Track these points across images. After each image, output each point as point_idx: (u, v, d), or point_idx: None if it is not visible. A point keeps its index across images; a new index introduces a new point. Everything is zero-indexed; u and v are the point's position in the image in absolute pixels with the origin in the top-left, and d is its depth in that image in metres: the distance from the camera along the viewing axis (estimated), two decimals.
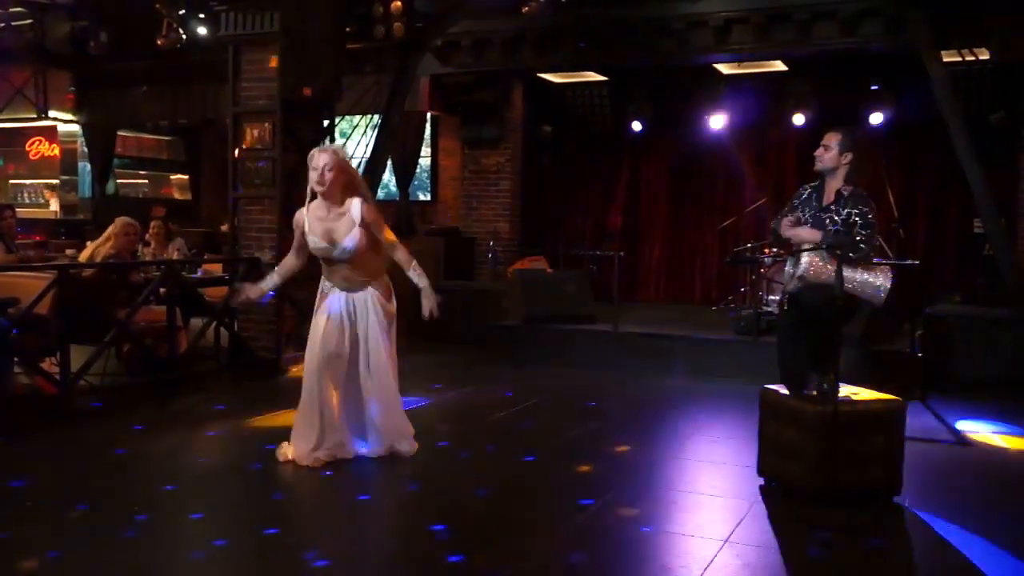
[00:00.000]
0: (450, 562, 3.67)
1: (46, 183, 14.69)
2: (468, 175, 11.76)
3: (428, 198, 12.46)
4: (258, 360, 7.79)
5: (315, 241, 4.84)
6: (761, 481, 4.74)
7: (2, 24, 11.38)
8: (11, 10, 10.94)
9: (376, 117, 9.81)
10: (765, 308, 8.48)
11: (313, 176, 4.80)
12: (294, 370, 7.53)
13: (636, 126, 11.23)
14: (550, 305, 9.01)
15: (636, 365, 8.17)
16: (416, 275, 4.94)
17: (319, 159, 4.80)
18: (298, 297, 7.54)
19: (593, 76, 11.12)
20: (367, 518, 4.40)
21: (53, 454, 5.25)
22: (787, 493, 4.55)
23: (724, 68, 10.31)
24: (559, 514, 4.33)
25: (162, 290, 7.17)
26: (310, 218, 4.87)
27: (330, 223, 4.84)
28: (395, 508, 4.58)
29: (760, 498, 4.56)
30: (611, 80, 11.18)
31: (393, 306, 5.10)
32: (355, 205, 4.83)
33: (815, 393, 4.54)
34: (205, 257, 9.58)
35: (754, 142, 11.22)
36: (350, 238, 4.81)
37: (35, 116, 13.43)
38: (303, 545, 3.82)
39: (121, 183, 14.67)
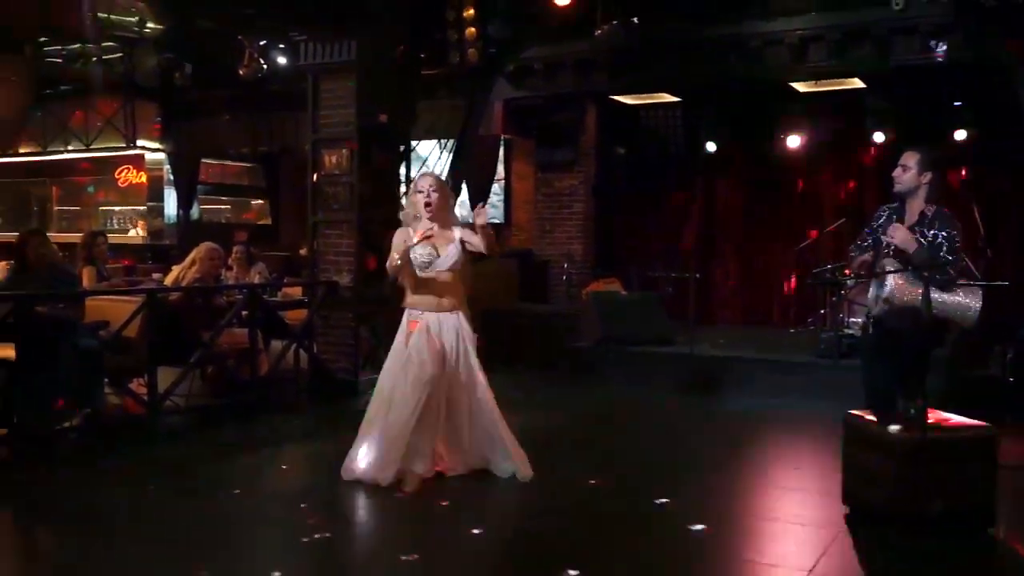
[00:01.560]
0: None
1: (134, 209, 15.22)
2: (541, 198, 11.78)
3: (502, 221, 12.52)
4: (336, 382, 7.91)
5: (421, 253, 4.97)
6: (846, 509, 4.60)
7: (94, 58, 11.90)
8: (102, 45, 11.42)
9: (451, 142, 9.93)
10: (846, 330, 8.28)
11: (420, 198, 5.02)
12: (372, 392, 7.62)
13: (710, 146, 11.12)
14: (625, 327, 8.96)
15: (713, 388, 8.05)
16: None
17: (423, 182, 5.07)
18: (376, 321, 7.65)
19: (667, 97, 11.06)
20: (442, 526, 4.41)
21: (139, 473, 5.40)
22: (873, 522, 4.41)
23: (800, 86, 10.15)
24: (635, 540, 4.27)
25: (244, 313, 7.35)
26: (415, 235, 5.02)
27: (434, 240, 5.01)
28: (472, 521, 4.56)
29: (845, 527, 4.43)
30: (685, 100, 11.10)
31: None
32: (456, 227, 5.09)
33: (902, 419, 4.41)
34: (285, 280, 9.79)
35: (832, 161, 11.01)
36: (453, 252, 5.00)
37: (124, 145, 14.00)
38: (396, 553, 3.84)
39: (204, 208, 15.15)
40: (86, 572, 3.80)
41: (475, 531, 4.33)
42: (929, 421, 4.24)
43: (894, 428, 4.31)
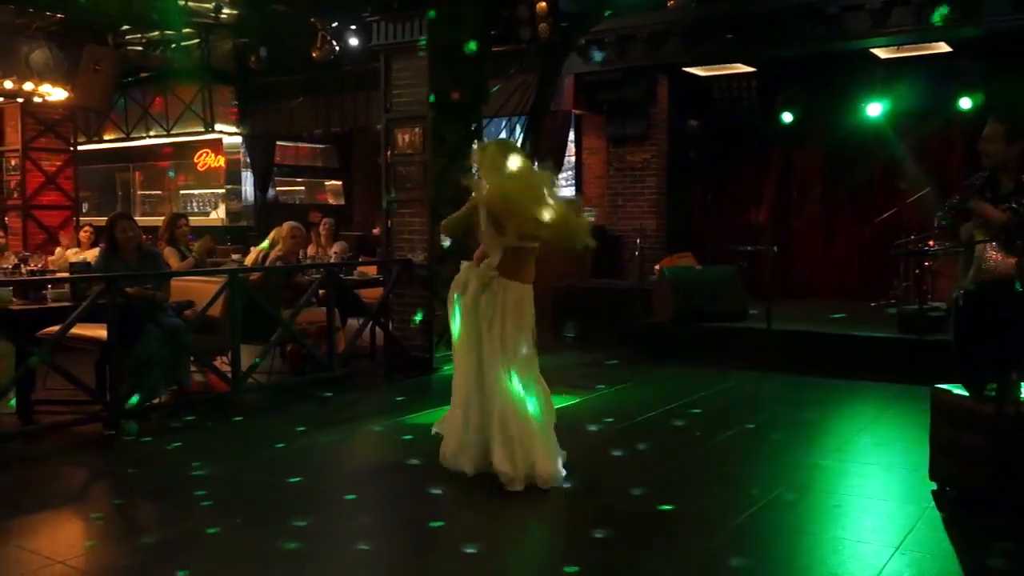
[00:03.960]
0: (605, 559, 3.66)
1: (212, 192, 15.60)
2: (613, 172, 11.70)
3: (573, 197, 12.47)
4: (411, 359, 8.00)
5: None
6: (933, 486, 4.49)
7: (173, 45, 12.19)
8: (181, 31, 11.70)
9: (522, 118, 9.91)
10: (931, 303, 8.04)
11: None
12: (446, 368, 7.71)
13: (786, 117, 10.86)
14: (700, 302, 8.84)
15: (792, 364, 7.90)
16: None
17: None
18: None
19: (740, 67, 10.83)
20: (522, 511, 4.42)
21: (224, 448, 5.56)
22: (962, 500, 4.30)
23: (882, 52, 9.83)
24: (717, 516, 4.24)
25: (321, 291, 7.48)
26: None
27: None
28: (548, 504, 4.57)
29: (933, 504, 4.32)
30: (759, 71, 10.86)
31: None
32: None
33: (995, 394, 4.26)
34: (360, 260, 9.93)
35: (915, 129, 10.64)
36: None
37: (202, 130, 14.35)
38: (464, 538, 3.89)
39: (280, 190, 15.45)
40: (179, 545, 3.93)
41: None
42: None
43: (986, 403, 4.17)
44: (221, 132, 14.51)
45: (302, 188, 16.41)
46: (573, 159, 12.51)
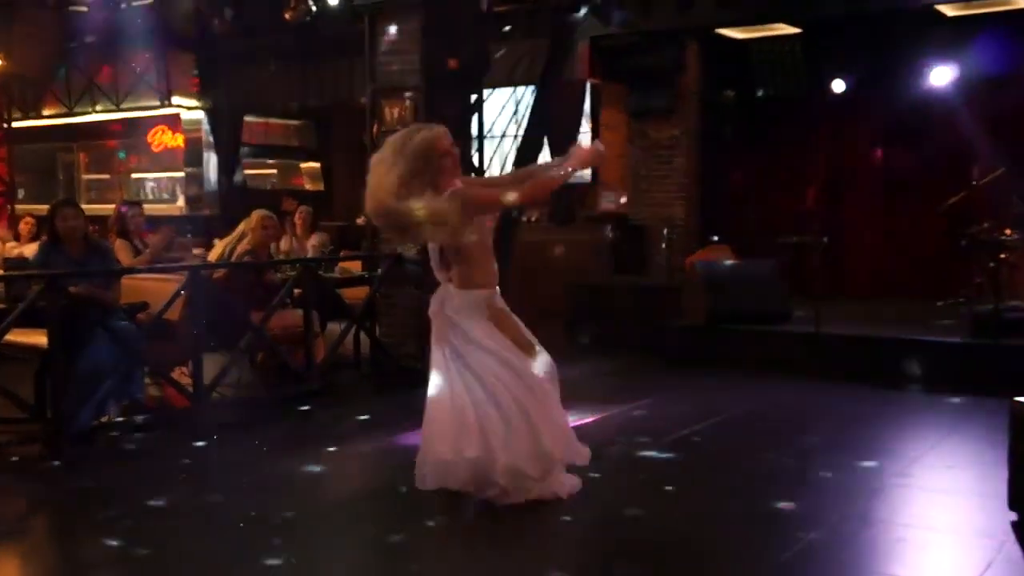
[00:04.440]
0: None
1: (169, 176, 15.60)
2: (635, 152, 11.68)
3: (589, 179, 12.46)
4: (402, 369, 8.00)
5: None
6: (1013, 516, 4.47)
7: (122, 4, 12.20)
8: None
9: (530, 89, 9.90)
10: (1008, 302, 8.01)
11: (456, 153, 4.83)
12: None
13: (837, 86, 10.85)
14: (737, 302, 8.84)
15: (844, 373, 7.89)
16: None
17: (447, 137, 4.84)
18: None
19: (784, 28, 10.80)
20: (536, 541, 4.42)
21: (186, 473, 5.56)
22: None
23: (948, 9, 9.79)
24: (759, 552, 4.23)
25: (296, 291, 7.47)
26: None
27: None
28: (565, 534, 4.57)
29: (1012, 537, 4.30)
30: (805, 32, 10.84)
31: None
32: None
33: None
34: (342, 254, 9.94)
35: (988, 98, 10.61)
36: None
37: (158, 104, 14.36)
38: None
39: (248, 174, 15.44)
40: None
41: None
42: None
43: None
44: (179, 106, 14.54)
45: (274, 171, 16.41)
46: (588, 136, 12.49)
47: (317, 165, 16.25)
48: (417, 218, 4.48)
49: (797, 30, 10.84)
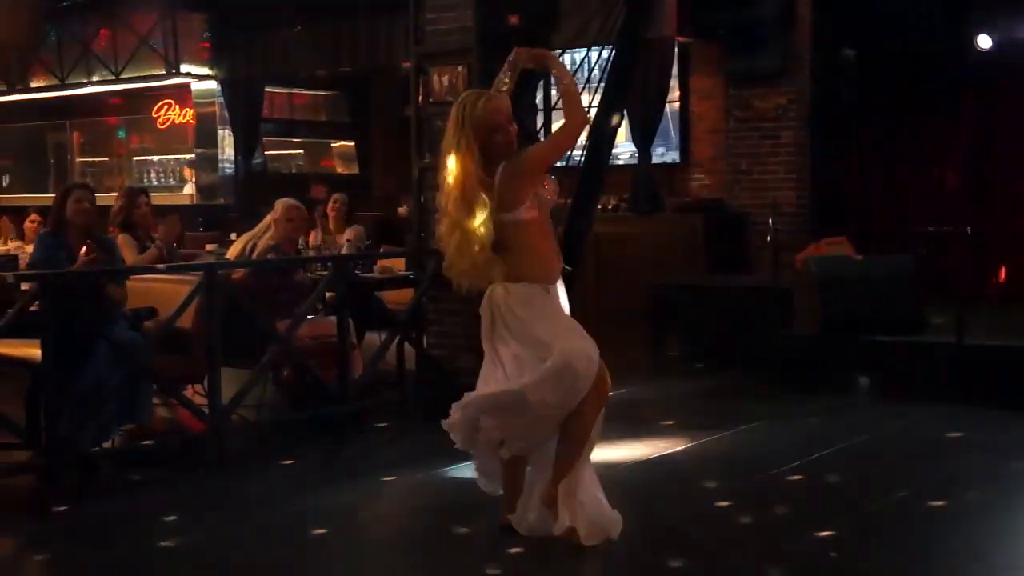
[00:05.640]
0: None
1: (177, 158, 15.84)
2: (735, 125, 11.66)
3: (677, 159, 12.45)
4: (453, 385, 8.06)
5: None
6: None
7: None
8: None
9: (606, 50, 9.92)
10: None
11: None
12: None
13: (984, 42, 10.73)
14: (859, 307, 8.78)
15: (994, 393, 7.80)
16: None
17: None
18: None
19: None
20: None
21: (200, 511, 5.66)
22: None
23: None
24: None
25: (329, 294, 7.57)
26: None
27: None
28: None
29: None
30: None
31: None
32: None
33: None
34: (381, 250, 10.02)
35: None
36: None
37: (164, 73, 14.51)
38: None
39: (270, 155, 15.58)
40: None
41: None
42: None
43: None
44: (189, 75, 14.69)
45: (300, 152, 16.60)
46: (677, 106, 12.48)
47: (351, 144, 16.38)
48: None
49: None
